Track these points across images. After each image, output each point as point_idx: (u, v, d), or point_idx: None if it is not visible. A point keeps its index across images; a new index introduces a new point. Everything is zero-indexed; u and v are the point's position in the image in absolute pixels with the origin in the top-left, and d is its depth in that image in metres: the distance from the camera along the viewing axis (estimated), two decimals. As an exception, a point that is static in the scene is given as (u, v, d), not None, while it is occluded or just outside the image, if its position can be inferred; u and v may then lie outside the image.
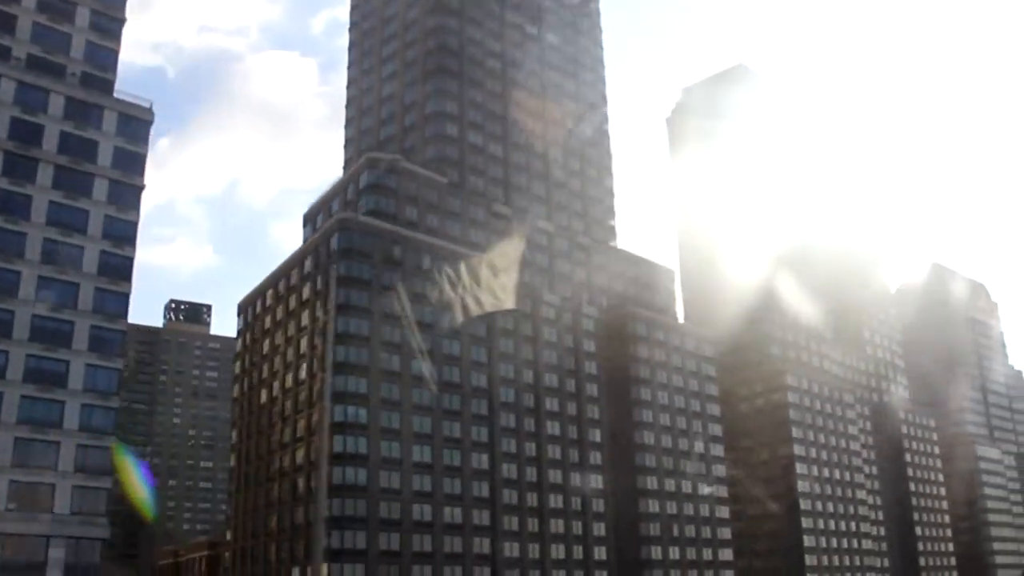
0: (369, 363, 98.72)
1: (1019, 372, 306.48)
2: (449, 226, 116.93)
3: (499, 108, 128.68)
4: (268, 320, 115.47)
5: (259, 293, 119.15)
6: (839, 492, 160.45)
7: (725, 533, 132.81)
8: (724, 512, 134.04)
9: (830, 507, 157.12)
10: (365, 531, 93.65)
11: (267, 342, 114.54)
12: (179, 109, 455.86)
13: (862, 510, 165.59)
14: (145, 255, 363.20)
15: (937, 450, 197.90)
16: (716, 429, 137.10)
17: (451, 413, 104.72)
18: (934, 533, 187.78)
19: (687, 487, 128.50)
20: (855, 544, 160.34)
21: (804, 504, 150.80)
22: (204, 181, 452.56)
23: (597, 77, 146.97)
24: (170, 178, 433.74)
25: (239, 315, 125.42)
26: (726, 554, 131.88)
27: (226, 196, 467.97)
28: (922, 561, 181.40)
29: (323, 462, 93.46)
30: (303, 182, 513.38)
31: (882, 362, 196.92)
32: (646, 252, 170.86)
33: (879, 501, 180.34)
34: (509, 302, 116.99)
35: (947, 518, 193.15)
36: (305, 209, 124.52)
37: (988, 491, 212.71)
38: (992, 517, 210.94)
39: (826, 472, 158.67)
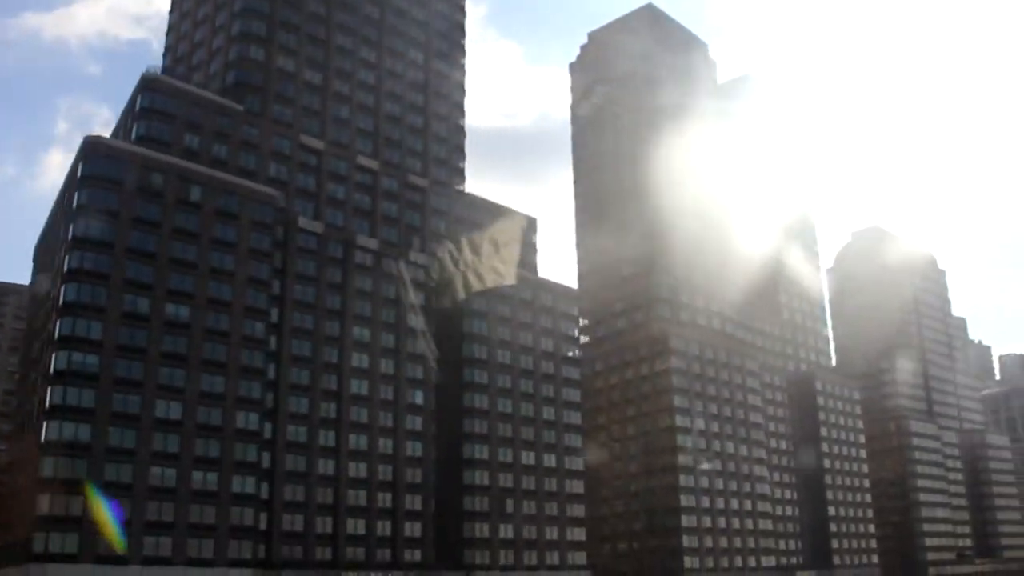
0: (107, 304, 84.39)
1: (970, 344, 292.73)
2: (243, 158, 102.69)
3: (320, 32, 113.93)
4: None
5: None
6: (734, 468, 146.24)
7: (576, 511, 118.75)
8: (577, 487, 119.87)
9: (720, 484, 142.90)
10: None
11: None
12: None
13: (762, 488, 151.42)
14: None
15: (860, 424, 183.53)
16: (572, 394, 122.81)
17: (215, 364, 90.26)
18: (852, 513, 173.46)
19: (528, 458, 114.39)
20: (749, 525, 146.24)
21: (684, 480, 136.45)
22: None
23: (453, 4, 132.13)
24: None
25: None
26: (577, 533, 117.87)
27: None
28: (835, 543, 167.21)
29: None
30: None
31: (802, 329, 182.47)
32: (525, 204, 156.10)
33: (792, 479, 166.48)
34: (311, 243, 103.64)
35: (868, 497, 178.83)
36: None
37: (922, 469, 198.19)
38: (924, 497, 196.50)
39: (717, 445, 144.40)
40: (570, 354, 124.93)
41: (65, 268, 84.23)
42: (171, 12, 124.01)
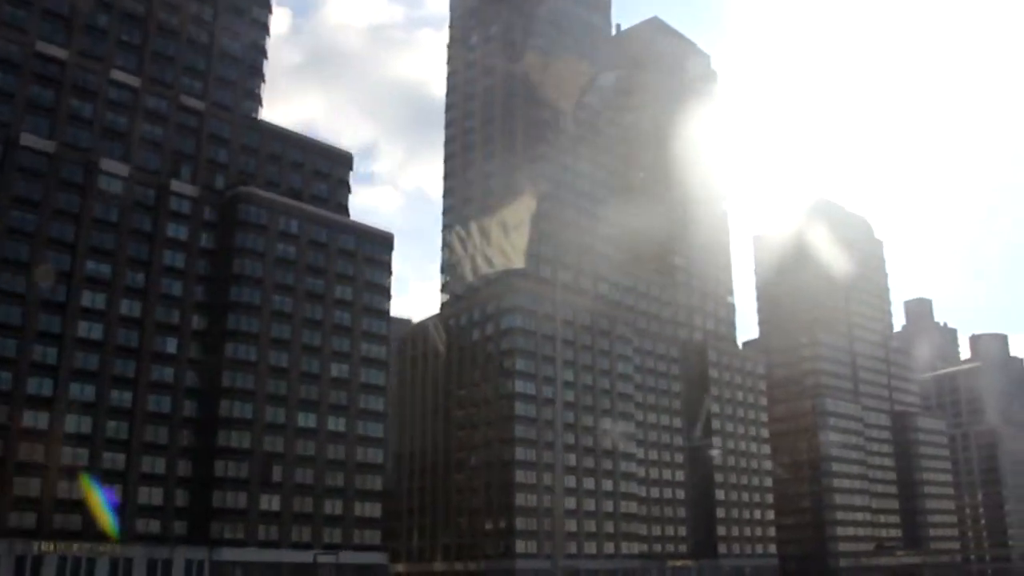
0: None
1: (935, 327, 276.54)
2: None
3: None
4: None
5: None
6: (591, 442, 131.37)
7: (372, 483, 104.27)
8: (374, 455, 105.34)
9: (572, 460, 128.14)
10: None
11: None
12: None
13: (628, 466, 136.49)
14: None
15: (764, 401, 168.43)
16: (377, 351, 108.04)
17: None
18: (747, 498, 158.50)
19: (306, 420, 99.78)
20: (609, 507, 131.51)
21: (522, 454, 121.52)
22: None
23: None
24: None
25: None
26: (370, 509, 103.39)
27: None
28: (722, 531, 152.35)
29: None
30: None
31: (699, 293, 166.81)
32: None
33: (678, 458, 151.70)
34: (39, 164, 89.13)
35: (767, 481, 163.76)
36: None
37: (839, 452, 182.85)
38: (840, 483, 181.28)
39: (571, 416, 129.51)
40: (379, 307, 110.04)
41: None
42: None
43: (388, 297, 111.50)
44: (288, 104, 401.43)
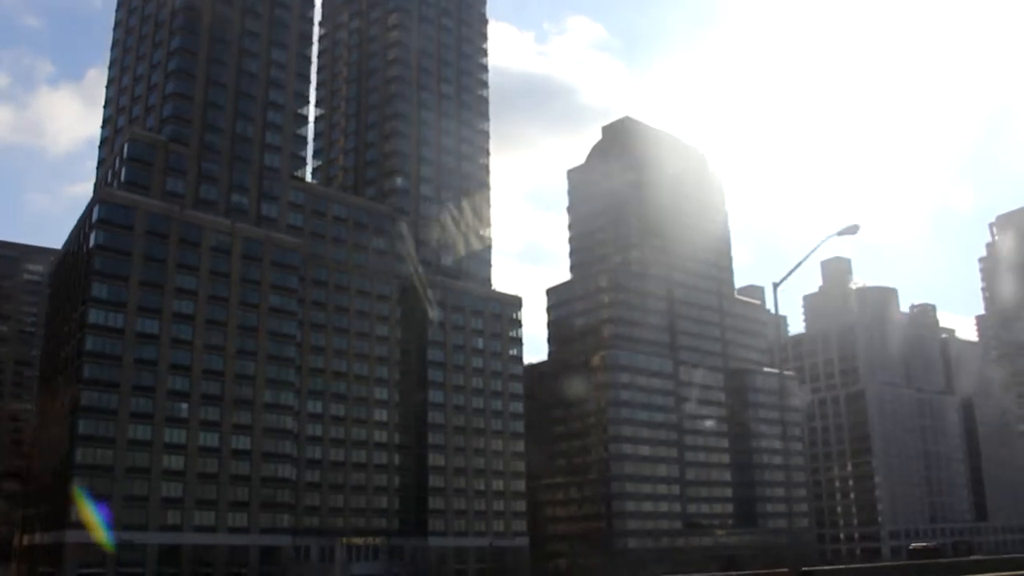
0: None
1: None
2: None
3: None
4: None
5: None
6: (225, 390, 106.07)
7: None
8: None
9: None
10: None
11: None
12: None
13: (359, 433, 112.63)
14: None
15: (515, 351, 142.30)
16: None
17: None
18: (480, 465, 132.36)
19: None
20: (339, 479, 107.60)
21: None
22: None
23: None
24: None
25: None
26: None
27: None
28: (436, 503, 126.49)
29: None
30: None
31: (438, 225, 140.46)
32: None
33: (380, 415, 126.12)
34: None
35: (517, 446, 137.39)
36: None
37: (633, 414, 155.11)
38: (632, 449, 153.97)
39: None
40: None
41: None
42: None
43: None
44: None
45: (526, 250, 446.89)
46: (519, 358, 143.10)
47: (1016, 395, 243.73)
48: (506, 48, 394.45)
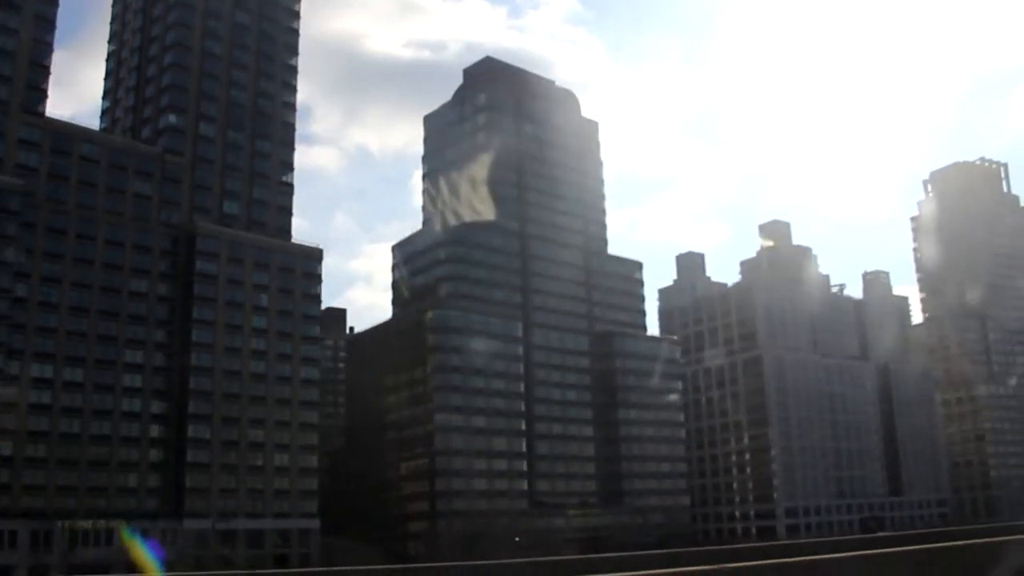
0: None
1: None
2: None
3: None
4: None
5: None
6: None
7: None
8: None
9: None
10: None
11: None
12: None
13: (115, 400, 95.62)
14: None
15: (311, 309, 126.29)
16: None
17: None
18: (257, 438, 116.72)
19: None
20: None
21: None
22: None
23: None
24: None
25: None
26: None
27: None
28: (194, 481, 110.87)
29: None
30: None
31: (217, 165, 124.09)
32: None
33: (135, 381, 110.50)
34: None
35: (311, 415, 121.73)
36: None
37: (457, 380, 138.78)
38: (456, 420, 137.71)
39: None
40: None
41: None
42: None
43: None
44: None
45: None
46: (315, 317, 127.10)
47: (940, 362, 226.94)
48: (479, 24, 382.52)
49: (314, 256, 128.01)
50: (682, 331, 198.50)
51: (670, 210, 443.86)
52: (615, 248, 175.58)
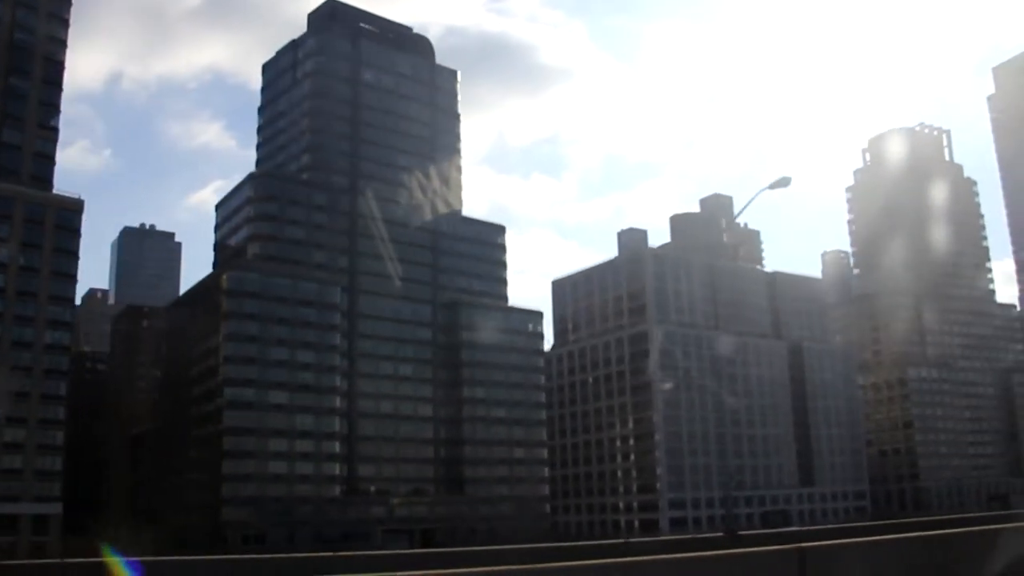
0: None
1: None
2: None
3: None
4: None
5: None
6: None
7: None
8: None
9: None
10: None
11: None
12: None
13: None
14: None
15: (60, 284, 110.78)
16: None
17: None
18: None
19: None
20: None
21: None
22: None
23: None
24: None
25: None
26: None
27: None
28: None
29: None
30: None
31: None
32: None
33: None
34: None
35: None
36: None
37: (276, 353, 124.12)
38: (277, 396, 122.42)
39: None
40: None
41: None
42: None
43: None
44: (189, 51, 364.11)
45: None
46: (70, 276, 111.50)
47: (872, 343, 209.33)
48: (460, 6, 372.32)
49: (71, 208, 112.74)
50: (574, 306, 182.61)
51: (656, 195, 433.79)
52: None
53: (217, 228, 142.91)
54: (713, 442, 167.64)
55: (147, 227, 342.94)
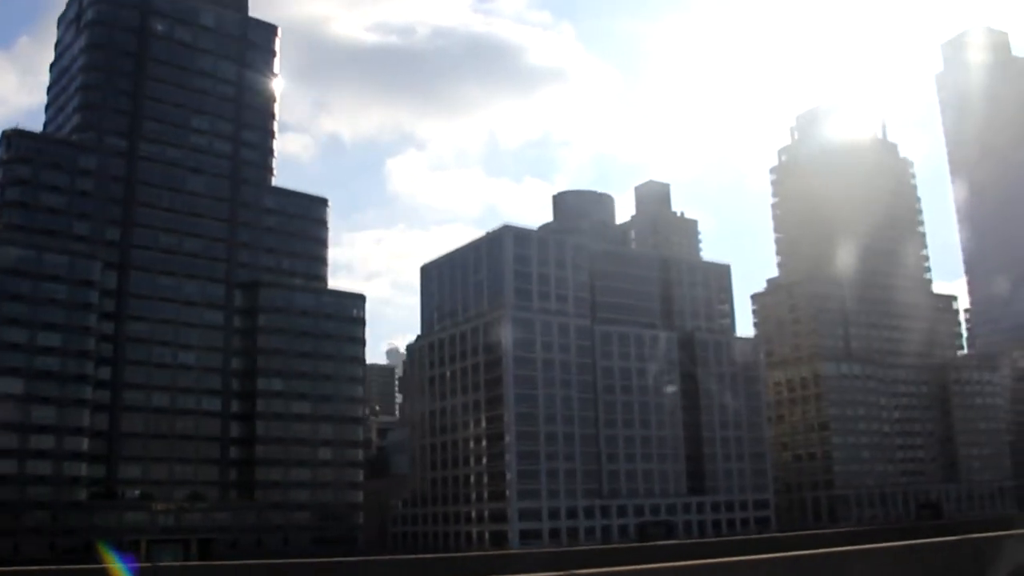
0: None
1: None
2: None
3: None
4: None
5: None
6: None
7: None
8: None
9: None
10: None
11: None
12: None
13: None
14: None
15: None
16: None
17: None
18: None
19: None
20: None
21: None
22: None
23: None
24: None
25: None
26: None
27: None
28: None
29: None
30: None
31: None
32: None
33: None
34: None
35: None
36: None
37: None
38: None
39: None
40: None
41: None
42: None
43: None
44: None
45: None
46: None
47: (790, 337, 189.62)
48: (447, 7, 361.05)
49: None
50: (439, 293, 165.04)
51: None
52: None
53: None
54: (578, 444, 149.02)
55: None
